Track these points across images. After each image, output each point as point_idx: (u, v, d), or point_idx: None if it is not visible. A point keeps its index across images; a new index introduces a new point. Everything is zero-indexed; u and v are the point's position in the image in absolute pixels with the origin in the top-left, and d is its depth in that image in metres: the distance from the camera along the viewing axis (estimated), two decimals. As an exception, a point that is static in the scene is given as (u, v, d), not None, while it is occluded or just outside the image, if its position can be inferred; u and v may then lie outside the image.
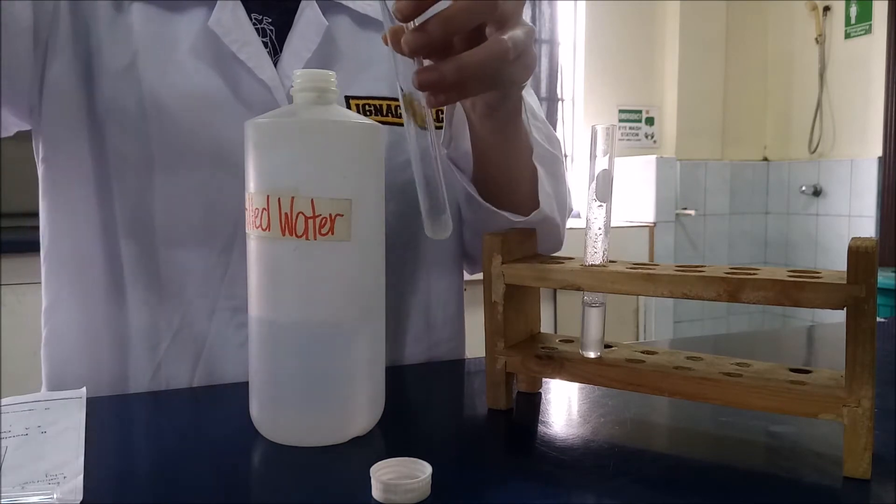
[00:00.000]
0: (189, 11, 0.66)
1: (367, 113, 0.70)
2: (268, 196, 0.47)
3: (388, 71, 0.71)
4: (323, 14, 0.69)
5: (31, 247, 0.75)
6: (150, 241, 0.67)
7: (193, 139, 0.65)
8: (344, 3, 0.71)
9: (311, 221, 0.46)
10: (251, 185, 0.48)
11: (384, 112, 0.71)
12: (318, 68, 0.68)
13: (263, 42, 0.68)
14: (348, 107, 0.70)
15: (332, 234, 0.47)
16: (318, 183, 0.47)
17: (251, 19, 0.68)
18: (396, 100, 0.70)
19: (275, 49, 0.69)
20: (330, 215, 0.47)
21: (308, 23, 0.68)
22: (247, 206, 0.49)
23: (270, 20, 0.69)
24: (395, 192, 0.72)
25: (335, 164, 0.48)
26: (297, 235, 0.47)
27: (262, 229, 0.47)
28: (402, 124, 0.71)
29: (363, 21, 0.72)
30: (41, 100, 0.66)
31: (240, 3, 0.67)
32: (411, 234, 0.74)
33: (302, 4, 0.69)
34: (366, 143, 0.50)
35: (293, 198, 0.46)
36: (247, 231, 0.49)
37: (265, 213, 0.47)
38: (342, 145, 0.48)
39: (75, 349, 0.70)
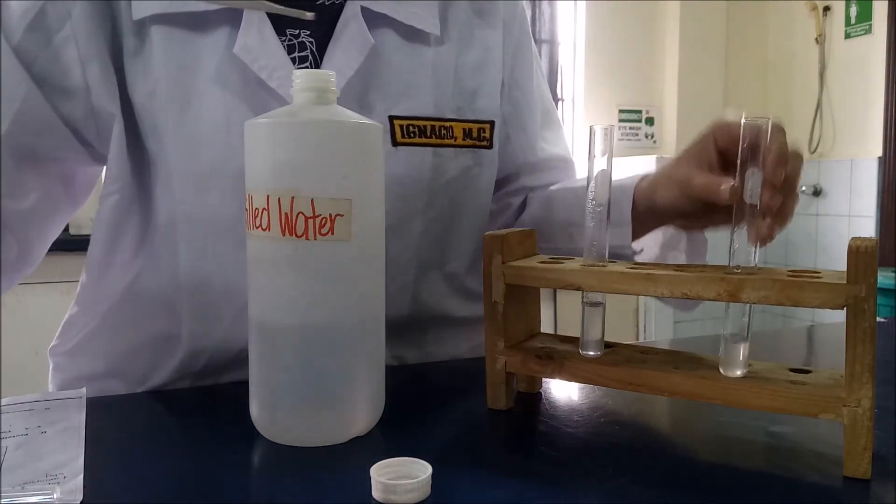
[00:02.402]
0: (212, 32, 0.61)
1: (412, 135, 0.66)
2: (268, 196, 0.47)
3: (432, 90, 0.68)
4: (367, 26, 0.64)
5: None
6: (173, 282, 0.65)
7: (222, 166, 0.62)
8: (389, 14, 0.65)
9: (311, 221, 0.46)
10: (251, 184, 0.48)
11: (428, 133, 0.67)
12: (361, 86, 0.64)
13: (302, 56, 0.64)
14: (392, 127, 0.66)
15: (332, 234, 0.47)
16: (319, 183, 0.47)
17: (286, 35, 0.63)
18: (441, 119, 0.67)
19: (316, 62, 0.65)
20: (330, 215, 0.47)
21: (352, 38, 0.64)
22: (247, 205, 0.49)
23: (309, 32, 0.64)
24: (434, 214, 0.70)
25: (335, 164, 0.47)
26: (297, 235, 0.46)
27: (262, 229, 0.47)
28: (446, 145, 0.68)
29: (410, 34, 0.67)
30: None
31: (267, 20, 0.62)
32: (439, 256, 0.73)
33: (345, 15, 0.64)
34: (366, 143, 0.50)
35: (293, 198, 0.46)
36: (247, 231, 0.49)
37: (265, 212, 0.47)
38: (342, 145, 0.48)
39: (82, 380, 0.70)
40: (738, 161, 0.47)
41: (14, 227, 0.65)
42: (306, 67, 0.64)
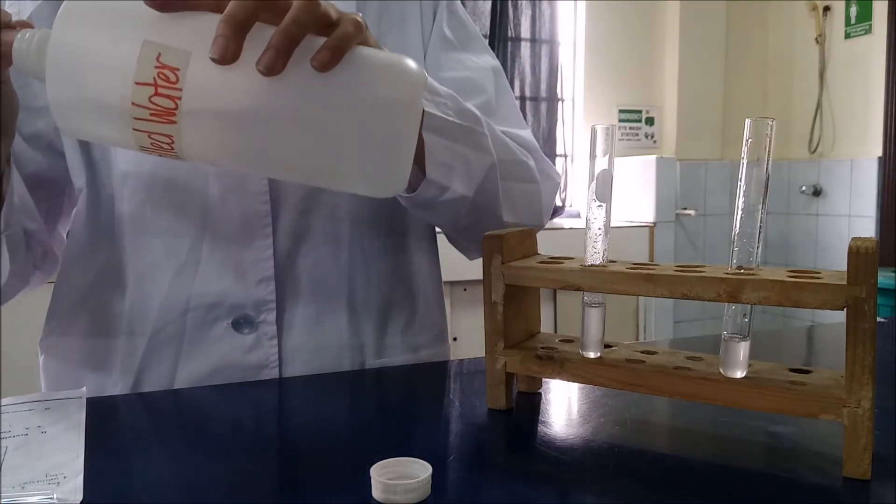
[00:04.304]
0: None
1: None
2: (133, 130, 0.43)
3: None
4: None
5: (31, 247, 0.77)
6: (121, 246, 0.68)
7: None
8: None
9: (161, 89, 0.42)
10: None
11: None
12: None
13: None
14: None
15: (178, 69, 0.42)
16: (118, 73, 0.42)
17: None
18: None
19: None
20: (156, 67, 0.42)
21: None
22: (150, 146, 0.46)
23: None
24: None
25: (97, 51, 0.43)
26: (174, 109, 0.43)
27: (170, 146, 0.45)
28: None
29: None
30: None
31: None
32: (396, 217, 0.74)
33: None
34: (84, 7, 0.44)
35: (132, 104, 0.43)
36: (168, 155, 0.46)
37: (154, 138, 0.44)
38: (78, 36, 0.43)
39: (62, 366, 0.72)
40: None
41: (35, 236, 0.71)
42: None
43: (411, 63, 0.47)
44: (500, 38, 2.91)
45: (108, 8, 0.44)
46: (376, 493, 0.41)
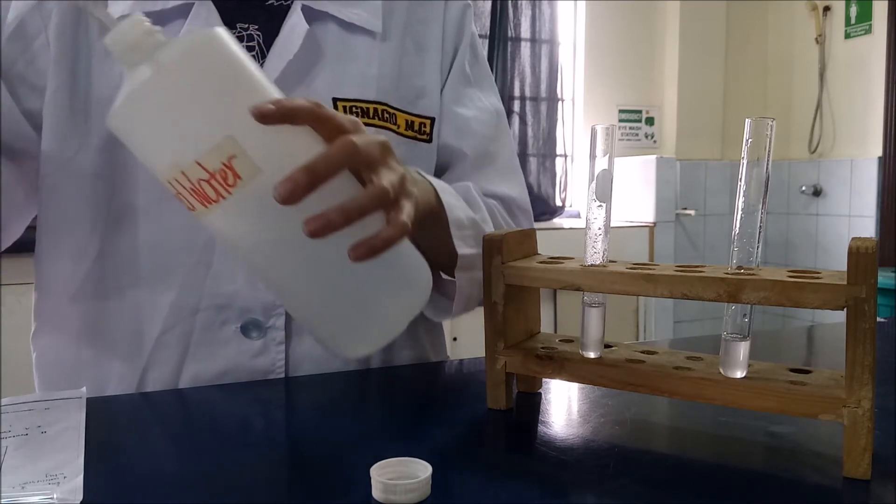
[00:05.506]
0: (169, 25, 0.67)
1: (355, 114, 0.70)
2: (168, 181, 0.44)
3: (377, 79, 0.72)
4: (311, 22, 0.69)
5: (31, 247, 0.76)
6: (132, 243, 0.67)
7: None
8: (329, 11, 0.71)
9: (214, 181, 0.42)
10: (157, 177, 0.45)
11: (370, 115, 0.71)
12: (303, 70, 0.68)
13: (250, 47, 0.69)
14: (335, 108, 0.69)
15: (240, 178, 0.42)
16: (191, 142, 0.42)
17: (236, 28, 0.69)
18: (383, 104, 0.72)
19: (262, 53, 0.69)
20: (224, 164, 0.42)
21: (292, 28, 0.69)
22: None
23: (257, 27, 0.70)
24: None
25: (190, 110, 0.43)
26: (213, 200, 0.43)
27: (190, 209, 0.45)
28: (389, 129, 0.72)
29: (350, 28, 0.72)
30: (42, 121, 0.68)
31: (214, 10, 0.67)
32: None
33: (289, 13, 0.70)
34: (207, 65, 0.43)
35: (182, 171, 0.42)
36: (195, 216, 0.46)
37: (181, 195, 0.44)
38: (183, 89, 0.42)
39: (62, 360, 0.71)
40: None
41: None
42: (253, 56, 0.66)
43: (426, 274, 0.51)
44: (499, 38, 2.91)
45: (222, 75, 0.43)
46: (376, 493, 0.41)
